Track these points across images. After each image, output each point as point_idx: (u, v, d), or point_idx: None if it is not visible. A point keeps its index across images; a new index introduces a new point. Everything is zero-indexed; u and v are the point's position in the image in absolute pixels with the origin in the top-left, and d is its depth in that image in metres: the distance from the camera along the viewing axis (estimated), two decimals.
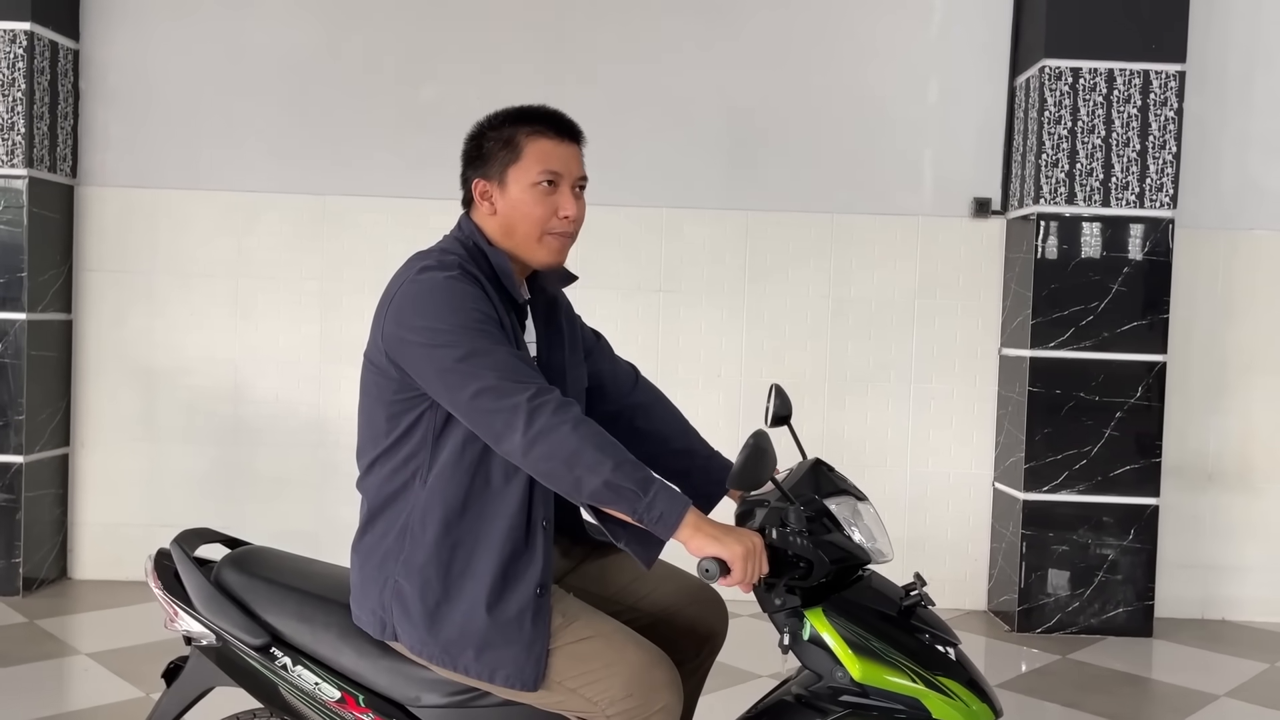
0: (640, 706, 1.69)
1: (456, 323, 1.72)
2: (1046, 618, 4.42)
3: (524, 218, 1.86)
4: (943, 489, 4.74)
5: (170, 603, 1.94)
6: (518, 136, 1.87)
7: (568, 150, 1.89)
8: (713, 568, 1.62)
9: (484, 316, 1.75)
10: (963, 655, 1.75)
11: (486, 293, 1.80)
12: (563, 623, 1.75)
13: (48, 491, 4.63)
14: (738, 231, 4.76)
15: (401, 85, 4.75)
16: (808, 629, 1.72)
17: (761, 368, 4.74)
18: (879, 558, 1.78)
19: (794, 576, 1.70)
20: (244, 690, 1.92)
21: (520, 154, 1.86)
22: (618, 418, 2.14)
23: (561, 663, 1.73)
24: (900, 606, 1.75)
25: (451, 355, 1.69)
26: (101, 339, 4.77)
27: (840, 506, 1.78)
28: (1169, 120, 4.34)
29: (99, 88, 4.75)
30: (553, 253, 1.89)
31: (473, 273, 1.82)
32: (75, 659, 3.80)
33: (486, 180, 1.89)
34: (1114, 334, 4.37)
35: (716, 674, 3.93)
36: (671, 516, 1.64)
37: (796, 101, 4.74)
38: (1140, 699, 3.78)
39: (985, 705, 1.70)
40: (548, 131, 1.88)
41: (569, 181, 1.88)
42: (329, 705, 1.83)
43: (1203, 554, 4.73)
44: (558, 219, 1.87)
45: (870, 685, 1.68)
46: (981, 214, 4.72)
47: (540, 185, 1.85)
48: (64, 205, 4.68)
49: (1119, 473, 4.39)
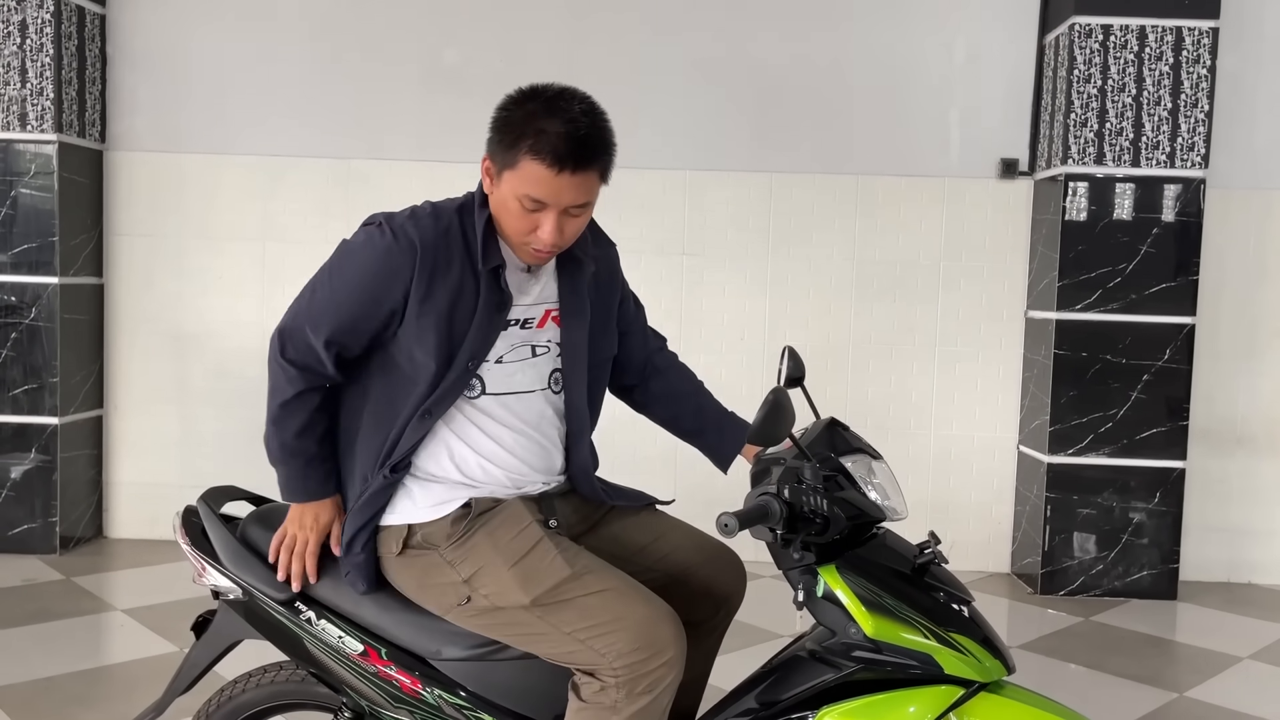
0: (646, 660, 1.71)
1: (327, 262, 1.90)
2: (1070, 580, 4.42)
3: (506, 221, 1.82)
4: (967, 452, 4.74)
5: (198, 558, 1.98)
6: (520, 147, 1.74)
7: (563, 183, 1.74)
8: (731, 523, 1.64)
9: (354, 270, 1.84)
10: (975, 612, 1.76)
11: (429, 247, 1.80)
12: (572, 575, 1.77)
13: (82, 452, 4.72)
14: (761, 194, 4.74)
15: (426, 48, 4.75)
16: (821, 585, 1.73)
17: (785, 331, 4.73)
18: (893, 515, 1.78)
19: (809, 533, 1.71)
20: (270, 643, 1.96)
21: (515, 165, 1.76)
22: (635, 384, 2.17)
23: (571, 615, 1.75)
24: (914, 564, 1.75)
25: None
26: (132, 303, 4.84)
27: (856, 464, 1.79)
28: (1201, 78, 4.27)
29: (126, 53, 4.78)
30: (529, 257, 1.85)
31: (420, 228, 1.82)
32: (112, 615, 3.89)
33: (491, 160, 1.82)
34: (1142, 296, 4.32)
35: (736, 633, 3.97)
36: (282, 494, 1.93)
37: (821, 62, 4.70)
38: (1163, 661, 3.78)
39: (998, 661, 1.71)
40: (546, 159, 1.72)
41: (556, 209, 1.77)
42: (352, 658, 1.86)
43: (1229, 517, 4.71)
44: (535, 237, 1.79)
45: (883, 641, 1.69)
46: (1008, 175, 4.67)
47: (525, 203, 1.77)
48: (93, 170, 4.73)
49: (1145, 436, 4.37)
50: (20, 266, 4.49)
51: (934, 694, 1.68)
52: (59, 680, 3.25)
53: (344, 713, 1.95)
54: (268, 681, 2.03)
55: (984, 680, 1.70)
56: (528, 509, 1.87)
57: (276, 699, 2.02)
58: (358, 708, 1.93)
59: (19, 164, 4.47)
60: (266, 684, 2.02)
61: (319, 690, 1.99)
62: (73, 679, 3.27)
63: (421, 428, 1.85)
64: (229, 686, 2.05)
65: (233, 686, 2.04)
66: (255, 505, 2.10)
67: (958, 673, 1.68)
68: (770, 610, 4.23)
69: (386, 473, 1.86)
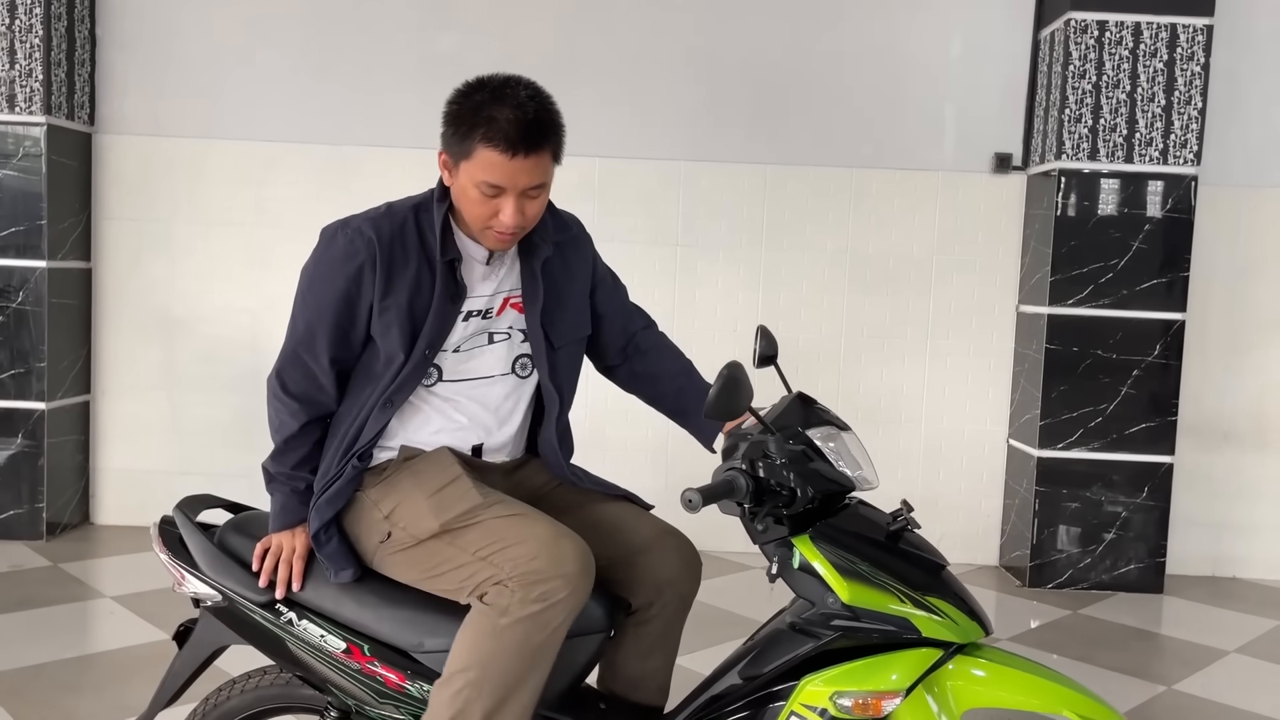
0: (544, 569, 1.71)
1: (298, 285, 1.93)
2: (1058, 573, 4.45)
3: (467, 209, 1.86)
4: (957, 445, 4.76)
5: (176, 567, 1.97)
6: (473, 136, 1.80)
7: (518, 166, 1.80)
8: (695, 498, 1.64)
9: (322, 281, 1.87)
10: (950, 576, 1.77)
11: (385, 243, 1.85)
12: (483, 504, 1.81)
13: (69, 438, 4.68)
14: (756, 186, 4.73)
15: (421, 35, 4.72)
16: (797, 557, 1.74)
17: (778, 323, 4.74)
18: (864, 485, 1.79)
19: (776, 505, 1.72)
20: (254, 648, 1.95)
21: (470, 154, 1.81)
22: (618, 364, 2.20)
23: (476, 535, 1.78)
24: (887, 531, 1.77)
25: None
26: (121, 287, 4.80)
27: (824, 437, 1.79)
28: (1195, 75, 4.29)
29: (116, 34, 4.73)
30: (495, 242, 1.89)
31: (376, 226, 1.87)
32: (100, 602, 3.87)
33: (448, 153, 1.86)
34: (1133, 292, 4.35)
35: (729, 624, 3.97)
36: (276, 522, 1.95)
37: (818, 54, 4.70)
38: (1151, 654, 3.82)
39: (974, 623, 1.72)
40: (500, 145, 1.78)
41: (515, 192, 1.82)
42: (336, 656, 1.85)
43: (1215, 512, 4.75)
44: (497, 221, 1.84)
45: (860, 608, 1.70)
46: (1002, 169, 4.69)
47: (483, 190, 1.82)
48: (82, 153, 4.69)
49: (1134, 431, 4.40)
50: (8, 250, 4.45)
51: (913, 657, 1.70)
52: (49, 667, 3.22)
53: (330, 713, 1.94)
54: (252, 687, 2.01)
55: (962, 642, 1.72)
56: (445, 453, 1.93)
57: (261, 704, 2.01)
58: (343, 707, 1.93)
59: (7, 146, 4.42)
60: (251, 689, 2.01)
61: (304, 692, 1.98)
62: (62, 666, 3.25)
63: (383, 416, 1.91)
64: (213, 694, 2.04)
65: (217, 694, 2.03)
66: (232, 513, 2.10)
67: (935, 635, 1.70)
68: (760, 601, 4.23)
69: (354, 462, 1.91)
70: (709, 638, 3.63)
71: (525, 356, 2.00)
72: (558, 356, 2.04)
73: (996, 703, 1.72)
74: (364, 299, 1.86)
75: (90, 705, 2.96)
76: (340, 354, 1.90)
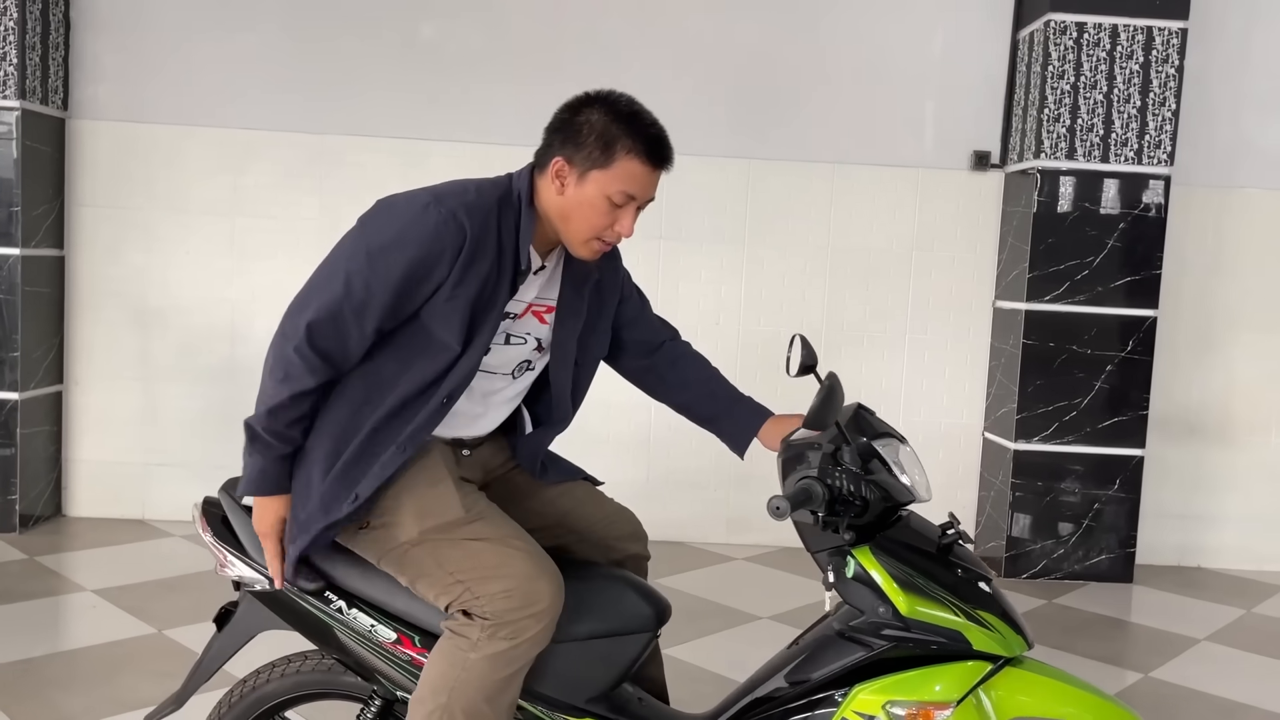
0: (517, 609, 1.77)
1: (360, 239, 1.83)
2: (1032, 564, 4.55)
3: (584, 218, 1.88)
4: (934, 438, 4.83)
5: (220, 548, 1.96)
6: (616, 145, 1.85)
7: (655, 178, 1.90)
8: (783, 505, 1.66)
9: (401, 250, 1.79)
10: (996, 589, 1.82)
11: (475, 236, 1.81)
12: (465, 518, 1.83)
13: (42, 429, 4.60)
14: (739, 180, 4.77)
15: (402, 24, 4.68)
16: (851, 566, 1.77)
17: (760, 317, 4.78)
18: (920, 498, 1.83)
19: (851, 516, 1.75)
20: (297, 633, 1.95)
21: (611, 163, 1.85)
22: (647, 371, 2.24)
23: (456, 555, 1.81)
24: (939, 544, 1.81)
25: (327, 260, 1.85)
26: (95, 275, 4.72)
27: (887, 448, 1.83)
28: (1170, 77, 4.38)
29: (90, 17, 4.64)
30: (592, 254, 1.93)
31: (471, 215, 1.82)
32: (81, 595, 3.81)
33: (569, 163, 1.87)
34: (1108, 289, 4.44)
35: (715, 616, 4.00)
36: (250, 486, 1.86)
37: (801, 51, 4.73)
38: (1126, 642, 3.92)
39: (1019, 637, 1.78)
40: (646, 156, 1.86)
41: (639, 203, 1.89)
42: (385, 646, 1.86)
43: (1182, 504, 4.87)
44: (611, 231, 1.90)
45: (914, 619, 1.74)
46: (980, 167, 4.76)
47: (614, 200, 1.87)
48: (56, 138, 4.59)
49: (1107, 424, 4.50)
50: None
51: (963, 669, 1.74)
52: (36, 662, 3.18)
53: (374, 701, 1.95)
54: (292, 671, 2.00)
55: (1008, 655, 1.77)
56: (440, 449, 1.93)
57: (301, 689, 2.01)
58: (388, 695, 1.93)
59: None
60: (291, 674, 2.00)
61: (347, 679, 1.98)
62: (50, 661, 3.20)
63: (440, 416, 1.88)
64: (251, 677, 2.03)
65: (255, 677, 2.02)
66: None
67: (985, 648, 1.74)
68: (747, 592, 4.29)
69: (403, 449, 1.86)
70: (697, 629, 3.67)
71: (527, 363, 2.02)
72: (579, 374, 2.09)
73: (1038, 712, 1.76)
74: (433, 280, 1.81)
75: (82, 700, 2.92)
76: (388, 324, 1.84)
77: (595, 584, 1.92)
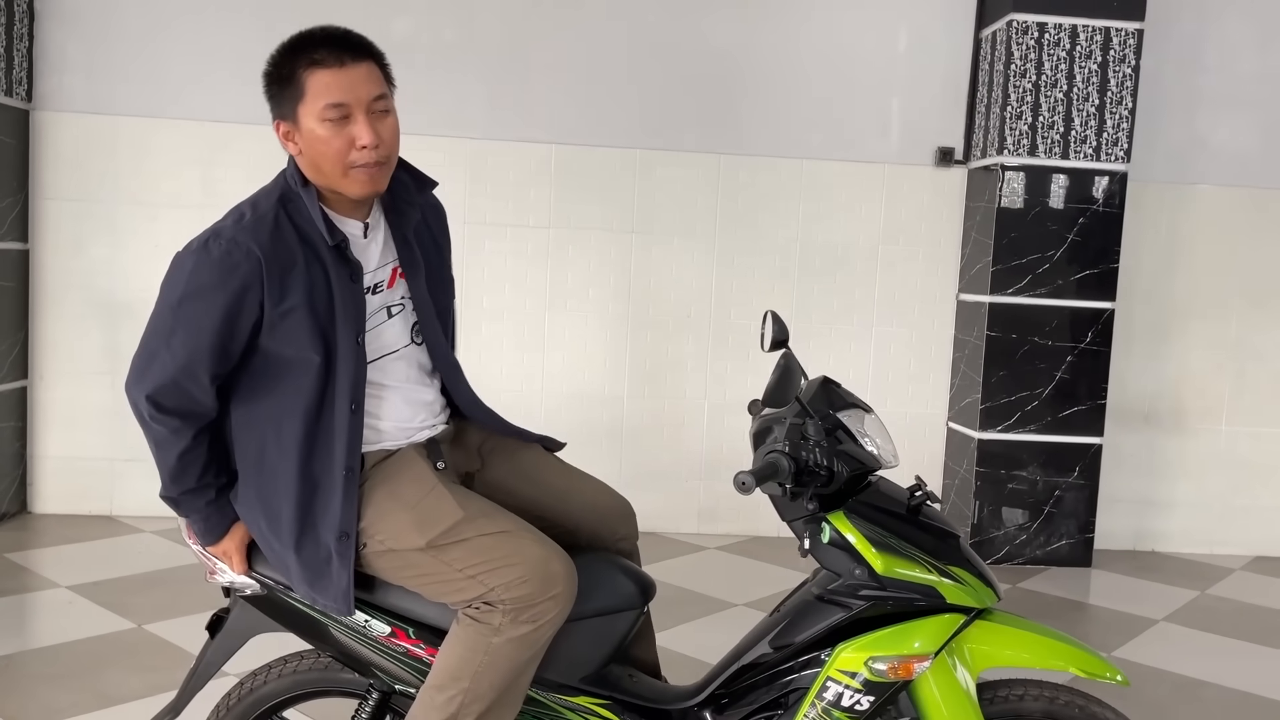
0: (535, 593, 1.80)
1: (163, 300, 1.83)
2: (996, 549, 4.68)
3: (323, 155, 1.81)
4: (900, 428, 4.87)
5: (209, 557, 1.97)
6: (297, 71, 1.80)
7: (351, 75, 1.80)
8: (749, 480, 1.73)
9: (198, 302, 1.78)
10: (964, 545, 1.91)
11: (267, 249, 1.77)
12: (466, 518, 1.84)
13: (6, 425, 4.54)
14: (709, 174, 4.83)
15: (374, 16, 4.66)
16: (827, 532, 1.85)
17: (730, 310, 4.85)
18: (888, 464, 1.91)
19: (817, 485, 1.82)
20: (291, 634, 1.97)
21: (303, 90, 1.80)
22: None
23: (464, 553, 1.82)
24: (908, 505, 1.90)
25: (147, 326, 1.85)
26: (60, 269, 4.66)
27: (851, 418, 1.91)
28: (1127, 76, 4.52)
29: (55, 7, 4.58)
30: (362, 185, 1.84)
31: (254, 232, 1.79)
32: (56, 592, 3.78)
33: (284, 120, 1.85)
34: (1068, 282, 4.58)
35: (695, 603, 4.06)
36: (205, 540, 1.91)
37: (770, 47, 4.81)
38: (1088, 625, 4.05)
39: (989, 589, 1.87)
40: (326, 60, 1.79)
41: (361, 107, 1.80)
42: (380, 640, 1.89)
43: (1136, 490, 5.03)
44: (356, 150, 1.81)
45: (890, 578, 1.82)
46: (945, 163, 4.87)
47: (330, 119, 1.80)
48: (20, 130, 4.53)
49: (1067, 414, 4.64)
50: None
51: (939, 623, 1.83)
52: (19, 658, 3.16)
53: (371, 695, 1.97)
54: (290, 671, 2.02)
55: (980, 607, 1.86)
56: (419, 455, 1.93)
57: (299, 688, 2.02)
58: (385, 689, 1.96)
59: None
60: (289, 674, 2.02)
61: (344, 676, 2.00)
62: (33, 656, 3.18)
63: (358, 423, 1.86)
64: (249, 679, 2.04)
65: (253, 679, 2.03)
66: None
67: (959, 601, 1.84)
68: (721, 580, 4.36)
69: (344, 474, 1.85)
70: (677, 615, 3.74)
71: (417, 324, 2.00)
72: (444, 323, 2.06)
73: (1010, 663, 1.87)
74: (247, 314, 1.78)
75: (70, 695, 2.91)
76: (220, 369, 1.81)
77: (581, 565, 1.94)
